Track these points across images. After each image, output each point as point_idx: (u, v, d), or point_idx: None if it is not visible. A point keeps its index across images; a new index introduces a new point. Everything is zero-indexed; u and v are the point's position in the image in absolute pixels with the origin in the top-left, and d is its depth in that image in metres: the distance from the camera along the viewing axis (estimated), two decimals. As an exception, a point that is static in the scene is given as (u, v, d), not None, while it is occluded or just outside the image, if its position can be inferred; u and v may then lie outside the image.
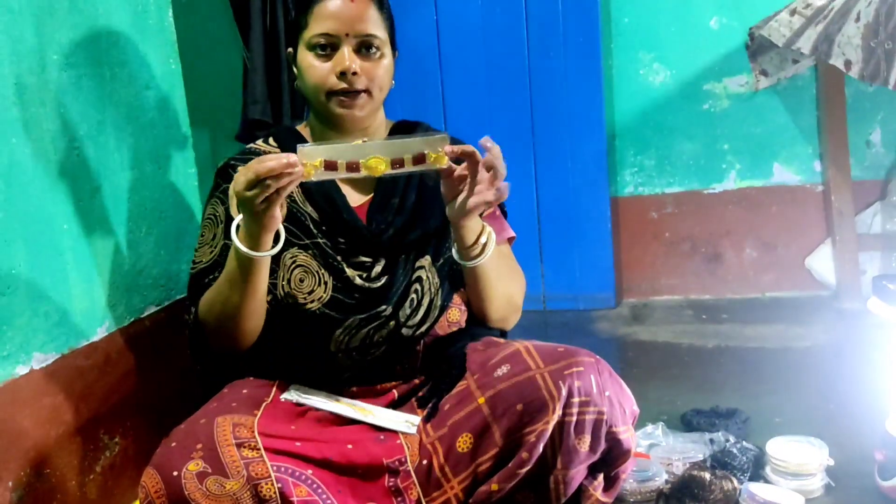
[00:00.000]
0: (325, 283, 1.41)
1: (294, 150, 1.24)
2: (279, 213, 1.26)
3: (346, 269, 1.41)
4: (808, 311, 2.89)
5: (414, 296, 1.44)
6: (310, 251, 1.42)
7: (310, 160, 1.22)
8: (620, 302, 3.21)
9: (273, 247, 1.30)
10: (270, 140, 1.52)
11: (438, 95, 3.09)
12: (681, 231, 3.21)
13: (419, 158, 1.25)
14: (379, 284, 1.42)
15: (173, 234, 1.87)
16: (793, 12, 2.59)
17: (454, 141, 1.38)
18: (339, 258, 1.41)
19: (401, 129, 1.53)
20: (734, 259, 3.18)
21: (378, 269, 1.42)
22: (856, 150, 2.98)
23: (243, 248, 1.27)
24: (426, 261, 1.46)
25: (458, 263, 1.43)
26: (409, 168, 1.25)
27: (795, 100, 3.04)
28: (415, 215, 1.46)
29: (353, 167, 1.24)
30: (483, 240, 1.39)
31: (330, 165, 1.23)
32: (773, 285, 3.14)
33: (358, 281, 1.41)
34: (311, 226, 1.42)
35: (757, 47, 2.90)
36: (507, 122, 3.08)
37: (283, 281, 1.41)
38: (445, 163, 1.26)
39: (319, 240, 1.42)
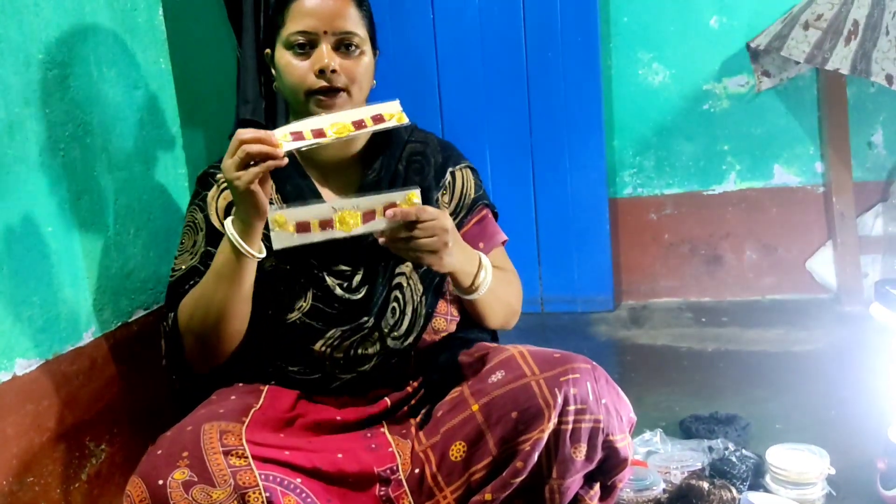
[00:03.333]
0: (305, 293, 1.39)
1: None
2: (260, 191, 1.23)
3: (327, 279, 1.39)
4: (809, 314, 2.87)
5: (395, 305, 1.41)
6: (289, 260, 1.39)
7: (281, 227, 1.25)
8: (619, 304, 3.19)
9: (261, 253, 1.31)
10: None
11: (435, 96, 3.07)
12: (680, 233, 3.18)
13: (390, 206, 1.27)
14: (359, 296, 1.40)
15: (162, 235, 1.84)
16: (806, 26, 2.56)
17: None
18: (318, 266, 1.39)
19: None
20: (734, 261, 3.16)
21: (358, 278, 1.40)
22: (857, 151, 2.96)
23: (236, 237, 1.27)
24: (407, 267, 1.43)
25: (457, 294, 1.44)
26: (380, 219, 1.26)
27: (796, 100, 3.02)
28: None
29: (326, 224, 1.26)
30: (480, 278, 1.40)
31: (302, 227, 1.25)
32: (773, 288, 3.12)
33: (338, 291, 1.39)
34: None
35: (759, 50, 2.87)
36: (505, 123, 3.06)
37: (262, 290, 1.38)
38: (417, 202, 1.27)
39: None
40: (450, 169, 1.52)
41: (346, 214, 1.26)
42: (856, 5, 2.30)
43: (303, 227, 1.25)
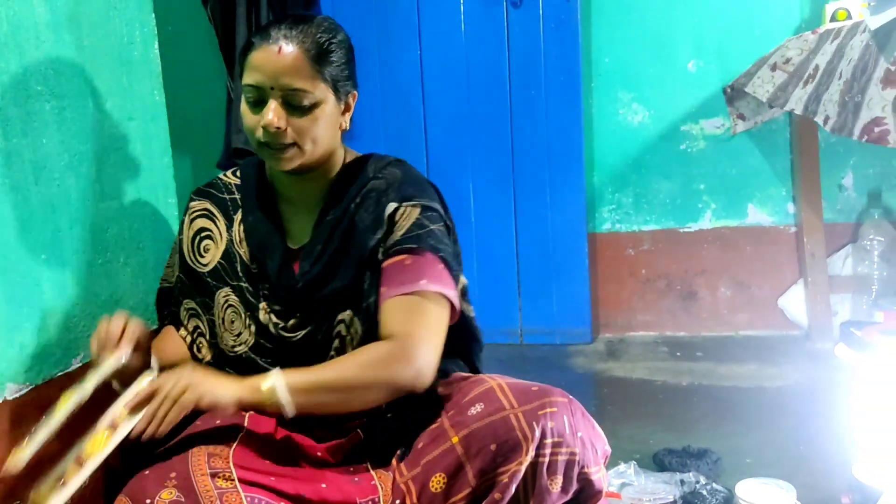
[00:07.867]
0: (249, 326, 1.41)
1: (256, 181, 1.37)
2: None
3: (261, 313, 1.41)
4: (781, 350, 2.93)
5: (334, 353, 1.41)
6: (236, 293, 1.43)
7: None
8: (596, 337, 3.23)
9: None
10: (237, 172, 1.56)
11: (421, 133, 3.11)
12: (657, 268, 3.24)
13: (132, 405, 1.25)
14: (298, 337, 1.41)
15: (151, 264, 1.86)
16: (773, 67, 2.63)
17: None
18: (257, 303, 1.41)
19: (354, 165, 1.48)
20: (709, 297, 3.22)
21: (293, 322, 1.41)
22: (828, 193, 3.04)
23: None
24: (347, 314, 1.41)
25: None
26: (128, 419, 1.25)
27: (770, 143, 3.11)
28: (332, 265, 1.41)
29: (80, 461, 1.24)
30: (277, 396, 1.26)
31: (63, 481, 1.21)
32: (746, 324, 3.18)
33: (272, 329, 1.41)
34: (239, 267, 1.43)
35: (734, 93, 2.96)
36: (489, 159, 3.11)
37: (218, 319, 1.43)
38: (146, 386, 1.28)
39: (242, 283, 1.43)
40: (394, 204, 1.41)
41: (90, 444, 1.24)
42: (821, 52, 2.38)
43: (63, 482, 1.22)
